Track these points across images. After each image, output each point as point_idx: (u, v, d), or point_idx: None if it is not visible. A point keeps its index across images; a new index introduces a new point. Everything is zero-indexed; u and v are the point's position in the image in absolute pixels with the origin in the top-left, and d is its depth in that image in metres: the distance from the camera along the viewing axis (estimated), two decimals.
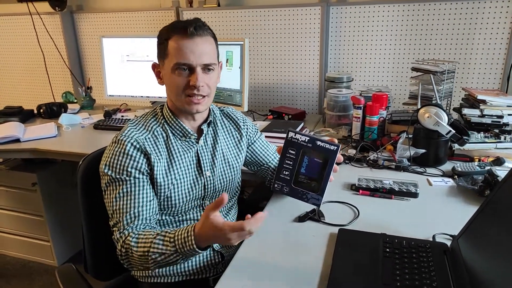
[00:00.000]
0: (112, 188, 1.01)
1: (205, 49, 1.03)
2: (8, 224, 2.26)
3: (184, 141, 1.10)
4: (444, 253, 0.94)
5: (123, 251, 0.96)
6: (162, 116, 1.10)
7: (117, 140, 1.03)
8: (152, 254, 0.91)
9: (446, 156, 1.47)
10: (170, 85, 1.05)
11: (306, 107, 2.33)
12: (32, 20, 2.81)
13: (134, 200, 1.00)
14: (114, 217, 1.00)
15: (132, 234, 0.96)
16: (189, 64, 1.01)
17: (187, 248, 0.87)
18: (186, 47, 1.00)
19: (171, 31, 1.02)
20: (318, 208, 1.06)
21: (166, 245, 0.90)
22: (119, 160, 1.01)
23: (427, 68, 1.75)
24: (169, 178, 1.05)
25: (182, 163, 1.08)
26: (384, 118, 1.70)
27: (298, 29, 2.22)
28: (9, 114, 2.20)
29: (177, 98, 1.05)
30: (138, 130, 1.06)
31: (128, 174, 1.01)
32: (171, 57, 1.01)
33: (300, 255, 0.97)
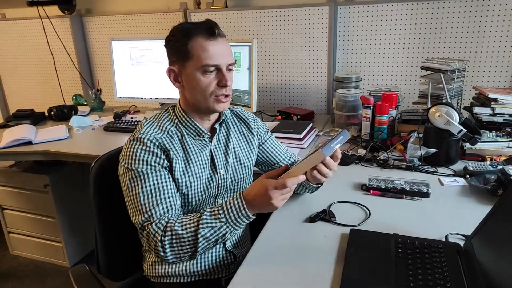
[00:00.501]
0: (137, 183, 1.00)
1: (228, 50, 1.06)
2: (21, 225, 2.29)
3: (198, 140, 1.11)
4: (458, 253, 0.93)
5: (165, 240, 0.94)
6: (175, 116, 1.11)
7: (136, 138, 1.03)
8: (202, 230, 0.92)
9: (457, 155, 1.46)
10: (197, 87, 1.04)
11: (314, 108, 2.33)
12: (42, 23, 2.84)
13: (164, 191, 1.00)
14: (144, 212, 0.98)
15: (172, 221, 0.96)
16: (217, 65, 1.02)
17: (239, 214, 0.92)
18: (214, 49, 1.01)
19: (191, 33, 1.01)
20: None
21: (216, 218, 0.93)
22: (141, 156, 1.01)
23: (437, 67, 1.73)
24: (186, 176, 1.06)
25: (198, 161, 1.09)
26: (393, 118, 1.69)
27: (306, 29, 2.22)
28: (21, 117, 2.23)
29: (204, 99, 1.05)
30: (154, 130, 1.06)
31: (153, 168, 1.01)
32: (196, 58, 1.01)
33: (311, 255, 0.97)
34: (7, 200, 2.24)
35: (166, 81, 1.10)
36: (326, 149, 0.91)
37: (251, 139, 1.22)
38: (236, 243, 1.18)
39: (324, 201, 1.22)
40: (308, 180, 1.12)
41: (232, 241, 1.16)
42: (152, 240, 0.95)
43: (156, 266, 1.12)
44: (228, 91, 1.06)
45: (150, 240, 0.95)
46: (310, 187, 1.17)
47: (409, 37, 2.05)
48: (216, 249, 1.12)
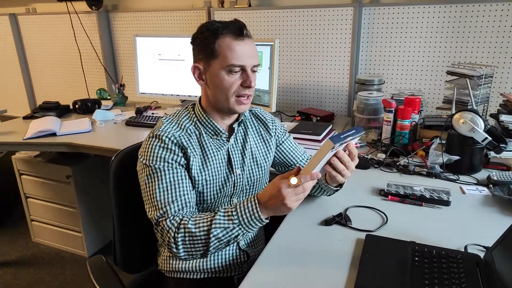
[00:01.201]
0: (154, 179, 1.01)
1: (254, 51, 1.06)
2: (43, 214, 2.36)
3: (215, 139, 1.11)
4: (477, 265, 0.90)
5: (178, 237, 0.94)
6: (195, 115, 1.12)
7: (155, 135, 1.05)
8: (214, 230, 0.92)
9: (481, 164, 1.42)
10: (220, 85, 1.04)
11: (334, 109, 2.31)
12: (70, 18, 2.92)
13: (180, 188, 1.02)
14: (159, 208, 0.99)
15: (185, 219, 0.97)
16: (243, 65, 1.02)
17: (252, 217, 0.91)
18: (241, 49, 1.01)
19: (219, 31, 1.01)
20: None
21: (228, 219, 0.93)
22: (159, 153, 1.02)
23: (463, 72, 1.69)
24: (203, 174, 1.07)
25: (215, 160, 1.10)
26: (416, 123, 1.66)
27: (329, 30, 2.20)
28: (47, 109, 2.29)
29: (226, 98, 1.05)
30: (173, 127, 1.07)
31: (170, 165, 1.02)
32: (223, 57, 1.01)
33: (325, 259, 0.96)
34: (31, 189, 2.31)
35: (187, 78, 1.11)
36: (334, 138, 0.88)
37: (269, 139, 1.22)
38: (250, 242, 1.18)
39: (340, 205, 1.21)
40: (327, 181, 1.11)
41: (246, 240, 1.17)
42: (166, 236, 0.96)
43: (170, 261, 1.14)
44: (250, 92, 1.06)
45: (164, 235, 0.97)
46: (328, 189, 1.15)
47: (435, 40, 2.01)
48: (230, 247, 1.13)
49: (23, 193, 2.35)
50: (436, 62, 2.03)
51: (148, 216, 1.02)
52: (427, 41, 2.02)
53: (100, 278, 1.05)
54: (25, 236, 2.51)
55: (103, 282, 1.04)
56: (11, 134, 2.00)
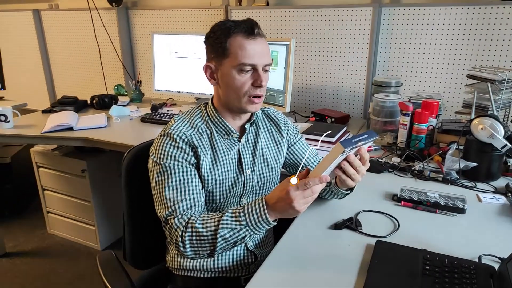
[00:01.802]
0: (163, 177, 1.02)
1: (266, 49, 1.05)
2: (59, 206, 2.41)
3: (226, 139, 1.11)
4: (491, 276, 0.87)
5: (186, 236, 0.95)
6: (206, 114, 1.11)
7: (166, 133, 1.05)
8: (221, 230, 0.92)
9: (500, 171, 1.37)
10: (232, 85, 1.03)
11: (350, 111, 2.28)
12: (90, 15, 2.97)
13: (189, 187, 1.02)
14: (168, 206, 1.00)
15: (193, 218, 0.97)
16: (254, 64, 1.01)
17: (259, 219, 0.90)
18: (252, 48, 1.01)
19: (231, 30, 1.01)
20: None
21: (236, 220, 0.92)
22: (170, 151, 1.03)
23: (485, 76, 1.64)
24: (213, 173, 1.07)
25: (225, 160, 1.09)
26: (433, 127, 1.62)
27: (348, 30, 2.17)
28: (65, 103, 2.34)
29: (238, 98, 1.05)
30: (184, 126, 1.07)
31: (180, 163, 1.02)
32: (234, 56, 1.01)
33: (333, 264, 0.95)
34: (47, 181, 2.36)
35: (203, 76, 1.11)
36: (345, 142, 0.87)
37: (280, 140, 1.21)
38: (258, 243, 1.17)
39: (351, 209, 1.19)
40: (337, 185, 1.10)
41: (254, 241, 1.16)
42: (173, 234, 0.96)
43: (178, 258, 1.14)
44: (262, 92, 1.05)
45: (172, 234, 0.97)
46: (338, 192, 1.14)
47: (456, 42, 1.95)
48: (238, 247, 1.12)
49: (40, 185, 2.41)
50: (457, 65, 1.98)
51: (157, 213, 1.03)
52: (448, 43, 1.97)
53: (109, 273, 1.06)
54: (41, 227, 2.57)
55: (111, 277, 1.05)
56: (30, 128, 2.05)
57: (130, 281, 1.04)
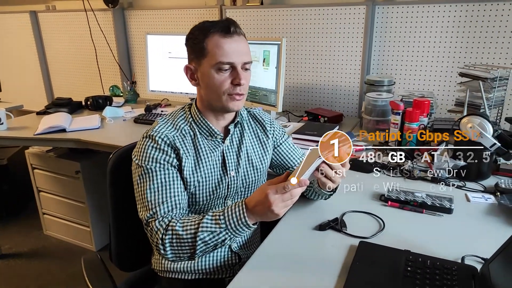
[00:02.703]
0: (145, 180, 1.01)
1: (244, 48, 1.04)
2: (54, 207, 2.42)
3: (210, 141, 1.10)
4: (472, 277, 0.86)
5: (166, 239, 0.94)
6: (190, 115, 1.11)
7: (148, 135, 1.05)
8: (201, 233, 0.92)
9: (490, 170, 1.36)
10: (211, 84, 1.03)
11: (345, 110, 2.26)
12: (86, 16, 2.97)
13: (170, 190, 1.01)
14: (149, 208, 0.99)
15: (174, 221, 0.97)
16: (232, 62, 1.01)
17: (238, 222, 0.90)
18: (229, 46, 1.00)
19: (208, 30, 1.01)
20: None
21: (216, 223, 0.92)
22: (151, 153, 1.02)
23: (476, 74, 1.63)
24: (196, 175, 1.06)
25: (208, 161, 1.09)
26: (424, 126, 1.60)
27: (341, 29, 2.16)
28: (59, 105, 2.34)
29: (218, 97, 1.04)
30: (167, 128, 1.07)
31: (161, 166, 1.02)
32: (211, 55, 1.01)
33: (315, 265, 0.94)
34: (43, 183, 2.37)
35: None
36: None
37: (266, 141, 1.20)
38: (243, 244, 1.16)
39: (338, 209, 1.18)
40: (320, 186, 1.09)
41: (239, 243, 1.15)
42: (154, 236, 0.96)
43: (163, 260, 1.14)
44: (242, 90, 1.04)
45: (153, 236, 0.97)
46: (322, 193, 1.13)
47: (450, 40, 1.93)
48: (222, 249, 1.12)
49: (35, 186, 2.41)
50: (451, 62, 1.96)
51: (139, 215, 1.02)
52: (442, 41, 1.95)
53: (92, 275, 1.06)
54: (37, 228, 2.58)
55: (95, 278, 1.05)
56: (23, 129, 2.05)
57: (112, 284, 1.04)
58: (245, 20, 2.40)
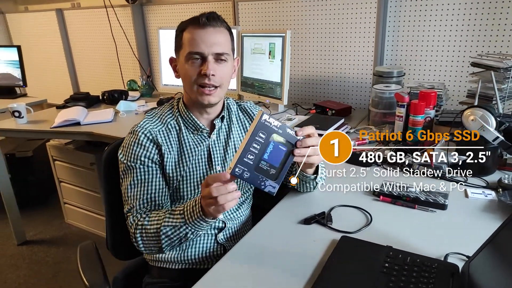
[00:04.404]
0: (127, 176, 1.06)
1: (217, 39, 1.03)
2: (74, 197, 2.53)
3: (196, 135, 1.11)
4: (451, 276, 0.83)
5: (137, 233, 0.99)
6: (177, 110, 1.12)
7: (132, 131, 1.08)
8: (163, 228, 0.95)
9: (495, 165, 1.29)
10: (184, 75, 1.06)
11: (355, 103, 2.21)
12: (106, 12, 3.05)
13: (147, 186, 1.04)
14: (129, 203, 1.05)
15: (144, 216, 1.01)
16: (201, 52, 1.01)
17: (194, 216, 0.90)
18: (199, 37, 1.01)
19: (186, 24, 1.05)
20: (273, 194, 0.93)
21: (176, 217, 0.94)
22: (133, 150, 1.05)
23: (489, 64, 1.54)
24: (179, 170, 1.08)
25: (193, 156, 1.10)
26: (431, 118, 1.54)
27: (353, 19, 2.10)
28: (77, 99, 2.44)
29: (190, 89, 1.06)
30: (153, 122, 1.09)
31: (142, 162, 1.05)
32: (184, 47, 1.03)
33: (294, 259, 0.94)
34: (63, 174, 2.48)
35: None
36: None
37: None
38: (230, 236, 1.17)
39: (327, 203, 1.16)
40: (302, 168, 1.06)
41: (226, 235, 1.16)
42: (130, 230, 1.02)
43: None
44: (212, 81, 1.03)
45: (129, 229, 1.02)
46: (307, 179, 1.12)
47: (467, 28, 1.83)
48: (207, 240, 1.13)
49: (56, 177, 2.53)
50: (462, 52, 1.86)
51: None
52: (459, 29, 1.84)
53: (84, 262, 1.11)
54: (59, 217, 2.71)
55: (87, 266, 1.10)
56: (42, 123, 2.15)
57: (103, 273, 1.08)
58: (258, 13, 2.38)
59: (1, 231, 2.62)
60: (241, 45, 2.10)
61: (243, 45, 2.09)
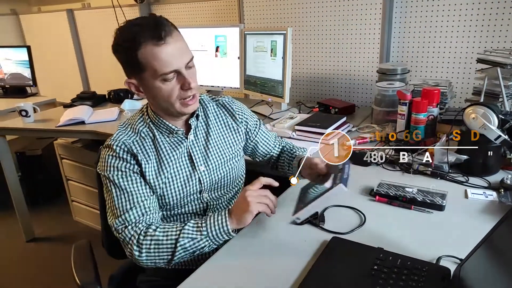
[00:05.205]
0: (111, 188, 1.02)
1: (181, 47, 0.97)
2: (81, 195, 2.56)
3: (172, 138, 1.08)
4: (442, 279, 0.80)
5: (144, 244, 0.95)
6: (148, 116, 1.09)
7: (107, 145, 1.05)
8: (181, 239, 0.93)
9: (498, 165, 1.24)
10: (160, 95, 0.99)
11: (361, 101, 2.18)
12: (114, 12, 3.07)
13: (137, 195, 1.01)
14: (118, 216, 0.99)
15: (153, 227, 0.97)
16: (175, 70, 0.95)
17: (221, 230, 0.94)
18: (166, 54, 0.93)
19: (138, 41, 0.92)
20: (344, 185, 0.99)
21: (198, 230, 0.95)
22: (112, 162, 1.02)
23: (495, 60, 1.48)
24: (160, 178, 1.05)
25: (172, 160, 1.07)
26: (434, 117, 1.50)
27: (358, 15, 2.06)
28: (84, 98, 2.47)
29: (170, 105, 1.01)
30: (126, 134, 1.06)
31: (123, 173, 1.02)
32: (151, 69, 0.94)
33: (283, 258, 0.92)
34: (70, 172, 2.51)
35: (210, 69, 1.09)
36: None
37: (236, 127, 1.18)
38: None
39: (322, 203, 1.12)
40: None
41: None
42: (128, 243, 0.97)
43: None
44: (193, 92, 1.00)
45: (126, 243, 0.97)
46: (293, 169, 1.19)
47: (475, 24, 1.77)
48: None
49: (64, 175, 2.57)
50: (470, 48, 1.80)
51: (108, 221, 1.03)
52: (467, 25, 1.78)
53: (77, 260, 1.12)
54: (67, 215, 2.75)
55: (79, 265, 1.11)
56: (48, 122, 2.19)
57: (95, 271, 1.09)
58: (264, 10, 2.36)
59: (10, 228, 2.67)
60: (244, 44, 2.09)
61: (246, 43, 2.07)
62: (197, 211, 1.14)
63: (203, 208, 1.14)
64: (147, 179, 1.04)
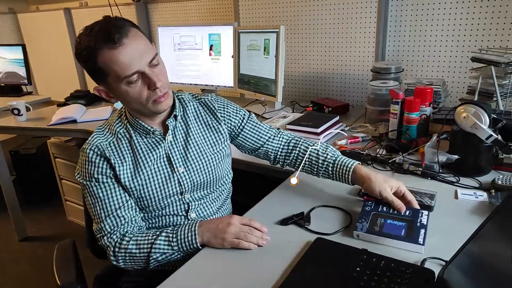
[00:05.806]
0: (87, 195, 1.03)
1: (140, 46, 0.93)
2: (75, 195, 2.55)
3: (149, 138, 1.06)
4: (426, 282, 0.78)
5: (119, 255, 0.99)
6: (125, 117, 1.07)
7: (82, 149, 1.04)
8: (153, 254, 0.97)
9: (490, 165, 1.22)
10: (129, 98, 0.97)
11: (356, 100, 2.15)
12: (111, 10, 3.06)
13: (111, 204, 1.01)
14: (97, 223, 1.02)
15: (127, 238, 0.99)
16: (137, 71, 0.92)
17: (190, 247, 0.97)
18: (124, 56, 0.90)
19: (94, 48, 0.90)
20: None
21: (169, 244, 0.97)
22: (86, 168, 1.02)
23: (489, 58, 1.46)
24: (136, 179, 1.03)
25: (149, 162, 1.05)
26: (427, 116, 1.48)
27: (353, 14, 2.04)
28: (77, 97, 2.45)
29: (142, 106, 0.99)
30: (103, 135, 1.05)
31: (96, 180, 1.01)
32: (113, 73, 0.92)
33: (265, 260, 0.90)
34: (63, 171, 2.50)
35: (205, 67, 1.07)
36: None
37: (217, 126, 1.15)
38: None
39: (309, 203, 1.12)
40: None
41: None
42: (106, 250, 1.01)
43: None
44: (163, 90, 0.97)
45: (105, 250, 1.01)
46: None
47: (471, 22, 1.74)
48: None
49: (57, 175, 2.55)
50: (466, 47, 1.78)
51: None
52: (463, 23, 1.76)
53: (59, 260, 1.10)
54: (61, 214, 2.74)
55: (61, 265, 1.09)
56: (40, 120, 2.17)
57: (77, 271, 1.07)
58: (259, 9, 2.34)
59: (3, 227, 2.66)
60: (238, 42, 2.07)
61: (240, 42, 2.06)
62: (179, 212, 1.11)
63: (185, 209, 1.12)
64: (122, 181, 1.02)
